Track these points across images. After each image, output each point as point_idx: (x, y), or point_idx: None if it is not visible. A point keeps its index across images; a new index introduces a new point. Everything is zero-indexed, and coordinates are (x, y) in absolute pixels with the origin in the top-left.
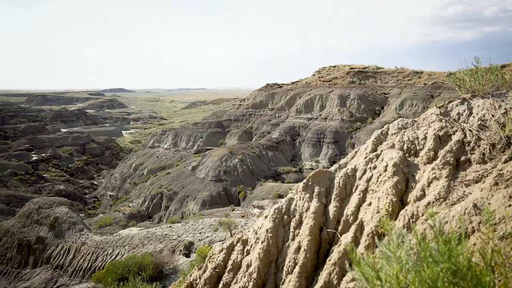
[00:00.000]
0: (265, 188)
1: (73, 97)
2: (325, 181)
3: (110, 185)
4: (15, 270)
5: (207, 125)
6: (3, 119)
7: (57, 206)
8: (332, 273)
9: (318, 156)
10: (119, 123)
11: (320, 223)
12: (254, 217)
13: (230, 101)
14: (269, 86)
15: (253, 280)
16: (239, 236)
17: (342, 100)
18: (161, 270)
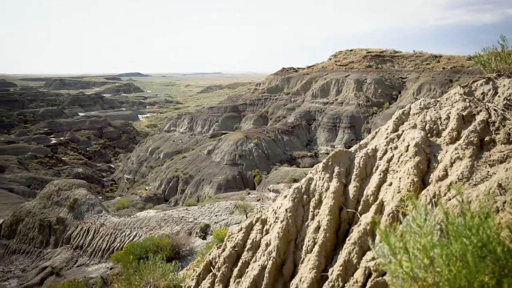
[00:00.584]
0: (280, 173)
1: (90, 82)
2: (345, 161)
3: (127, 168)
4: (37, 249)
5: (222, 109)
6: (22, 103)
7: (76, 188)
8: (352, 252)
9: (333, 141)
10: (136, 107)
11: (340, 203)
12: (270, 200)
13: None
14: (284, 70)
15: (272, 258)
16: (258, 216)
17: (359, 85)
18: (178, 252)
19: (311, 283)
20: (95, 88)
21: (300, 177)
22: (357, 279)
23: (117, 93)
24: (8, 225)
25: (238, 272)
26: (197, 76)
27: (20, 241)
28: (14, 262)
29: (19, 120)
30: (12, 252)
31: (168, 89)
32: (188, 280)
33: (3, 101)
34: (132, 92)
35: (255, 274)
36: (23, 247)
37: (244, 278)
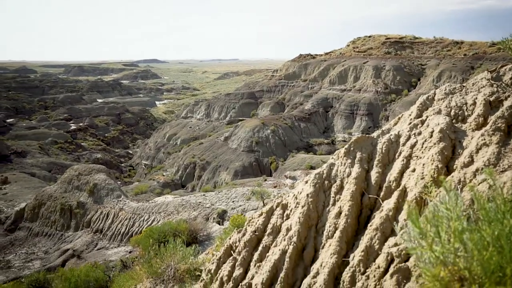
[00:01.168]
0: (297, 160)
1: (108, 68)
2: (367, 146)
3: (145, 154)
4: (59, 232)
5: (239, 96)
6: (43, 89)
7: (95, 173)
8: (374, 238)
9: (351, 128)
10: (153, 93)
11: (362, 189)
12: (286, 187)
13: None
14: (302, 57)
15: (293, 243)
16: (278, 201)
17: (377, 71)
18: (195, 237)
19: (332, 268)
20: (113, 75)
21: (316, 164)
22: (379, 264)
23: (135, 79)
24: (31, 208)
25: (259, 256)
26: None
27: (42, 224)
28: (37, 244)
29: (40, 106)
30: (35, 234)
31: (185, 75)
32: (208, 263)
33: (24, 88)
34: (150, 79)
35: (275, 259)
36: (46, 230)
37: (265, 262)
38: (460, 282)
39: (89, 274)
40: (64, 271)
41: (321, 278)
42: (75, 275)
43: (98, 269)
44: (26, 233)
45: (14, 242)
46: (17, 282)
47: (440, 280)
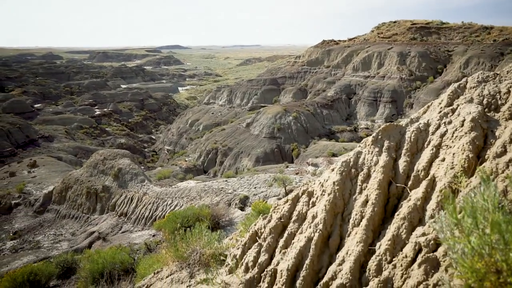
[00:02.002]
0: (318, 147)
1: (131, 54)
2: (395, 135)
3: (167, 139)
4: (85, 215)
5: (261, 82)
6: (68, 75)
7: (120, 158)
8: (401, 227)
9: (374, 115)
10: (176, 79)
11: (389, 177)
12: (308, 174)
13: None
14: (325, 43)
15: (318, 231)
16: (304, 188)
17: (402, 58)
18: (218, 222)
19: (358, 256)
20: (136, 61)
21: (338, 152)
22: (406, 254)
23: (158, 65)
24: (59, 191)
25: (284, 243)
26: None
27: (69, 207)
28: (65, 226)
29: (66, 92)
30: (62, 216)
31: (207, 61)
32: (233, 249)
33: (50, 73)
34: (172, 65)
35: (301, 246)
36: (72, 213)
37: (290, 249)
38: (496, 274)
39: (115, 256)
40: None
41: (346, 266)
42: (101, 256)
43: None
44: (54, 215)
45: (43, 223)
46: (47, 262)
47: (476, 272)
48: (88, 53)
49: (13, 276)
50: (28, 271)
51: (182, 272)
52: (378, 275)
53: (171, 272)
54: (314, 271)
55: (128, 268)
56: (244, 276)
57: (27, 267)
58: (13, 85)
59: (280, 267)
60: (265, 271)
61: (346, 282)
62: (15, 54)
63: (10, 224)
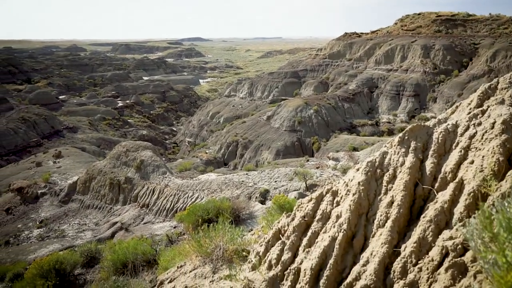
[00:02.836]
0: (339, 140)
1: (153, 46)
2: (422, 136)
3: (188, 131)
4: (108, 205)
5: (282, 75)
6: (92, 67)
7: (142, 149)
8: (427, 230)
9: (396, 109)
10: (197, 71)
11: (415, 179)
12: (329, 168)
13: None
14: (347, 36)
15: (343, 231)
16: (328, 187)
17: (426, 51)
18: (238, 215)
19: (382, 258)
20: (158, 53)
21: (359, 146)
22: (432, 257)
23: (179, 57)
24: (83, 182)
25: (308, 242)
26: (257, 40)
27: (93, 197)
28: (88, 216)
29: (89, 84)
30: (86, 206)
31: (228, 54)
32: (256, 245)
33: (75, 65)
34: (194, 57)
35: (325, 245)
36: (96, 203)
37: (314, 248)
38: None
39: (137, 247)
40: (112, 244)
41: (371, 267)
42: (123, 247)
43: (145, 242)
44: (78, 205)
45: (67, 213)
46: (71, 250)
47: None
48: (111, 45)
49: (40, 263)
50: (54, 260)
51: (205, 267)
52: (403, 278)
53: (194, 267)
54: (338, 271)
55: (150, 260)
56: (267, 273)
57: (53, 256)
58: (39, 76)
59: (303, 266)
60: (289, 269)
61: (370, 284)
62: (40, 46)
63: (36, 213)
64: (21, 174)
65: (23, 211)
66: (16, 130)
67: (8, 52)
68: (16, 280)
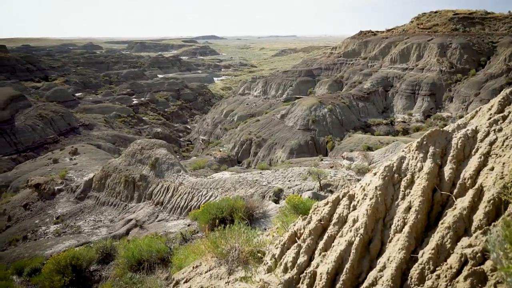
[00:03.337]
0: (353, 140)
1: (168, 44)
2: (441, 141)
3: (202, 129)
4: (123, 202)
5: (296, 74)
6: (108, 65)
7: (157, 147)
8: (446, 237)
9: (411, 108)
10: (211, 69)
11: (434, 184)
12: (343, 168)
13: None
14: (362, 34)
15: (359, 235)
16: (345, 191)
17: (442, 50)
18: (252, 214)
19: (399, 264)
20: (173, 51)
21: (374, 145)
22: (451, 265)
23: (194, 55)
24: (98, 179)
25: (324, 246)
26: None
27: (108, 194)
28: (104, 213)
29: (105, 81)
30: (102, 203)
31: (242, 52)
32: (271, 247)
33: (91, 63)
34: (208, 55)
35: (341, 249)
36: (111, 200)
37: (330, 252)
38: None
39: (152, 245)
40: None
41: (388, 272)
42: (137, 245)
43: (159, 240)
44: (94, 202)
45: (83, 209)
46: (87, 247)
47: None
48: (126, 43)
49: (57, 259)
50: (71, 256)
51: (220, 268)
52: (420, 284)
53: (210, 268)
54: (354, 275)
55: (164, 257)
56: (283, 276)
57: (69, 252)
58: (56, 74)
59: (319, 270)
60: (304, 272)
61: None
62: (58, 44)
63: (53, 209)
64: (38, 171)
65: (41, 207)
66: (34, 127)
67: (27, 50)
68: (34, 275)
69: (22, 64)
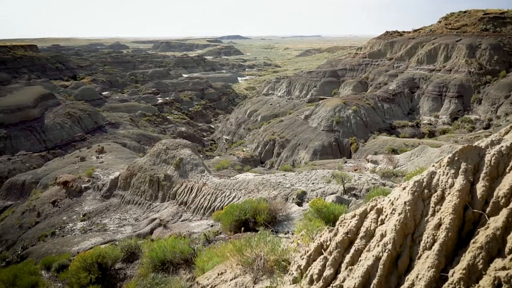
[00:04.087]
0: (378, 142)
1: (193, 44)
2: (473, 157)
3: (226, 129)
4: (148, 202)
5: (321, 74)
6: (134, 64)
7: (182, 148)
8: (477, 257)
9: (438, 110)
10: (235, 69)
11: (465, 202)
12: (367, 171)
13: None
14: (388, 34)
15: (387, 250)
16: (372, 204)
17: (471, 50)
18: (275, 216)
19: (429, 282)
20: (198, 51)
21: (399, 148)
22: (483, 287)
23: (218, 55)
24: (124, 177)
25: (350, 259)
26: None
27: (133, 193)
28: (129, 211)
29: (131, 80)
30: (127, 202)
31: (267, 52)
32: (297, 256)
33: (117, 63)
34: (232, 55)
35: (369, 264)
36: (136, 199)
37: (357, 267)
38: None
39: (175, 245)
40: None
41: None
42: (160, 245)
43: (183, 241)
44: (119, 200)
45: (109, 207)
46: (112, 245)
47: None
48: (152, 43)
49: (84, 257)
50: (97, 254)
51: (245, 276)
52: None
53: (235, 275)
54: None
55: (187, 258)
56: None
57: (95, 250)
58: (84, 73)
59: (346, 284)
60: (331, 286)
61: None
62: (86, 44)
63: (80, 206)
64: (66, 168)
65: (68, 204)
66: (62, 125)
67: (57, 50)
68: (61, 271)
69: (52, 63)
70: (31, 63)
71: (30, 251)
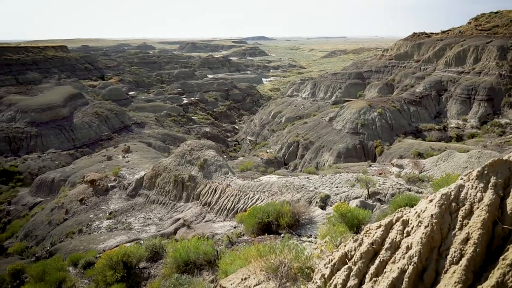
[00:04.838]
0: (403, 145)
1: (218, 45)
2: (503, 171)
3: (250, 130)
4: (172, 202)
5: (346, 76)
6: (160, 65)
7: (206, 149)
8: (507, 275)
9: (466, 114)
10: (260, 70)
11: (494, 217)
12: (392, 175)
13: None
14: (415, 36)
15: (413, 263)
16: (398, 215)
17: (502, 52)
18: (298, 219)
19: None
20: (223, 51)
21: (425, 151)
22: None
23: (243, 56)
24: (149, 177)
25: (375, 270)
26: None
27: (158, 193)
28: (153, 211)
29: (157, 81)
30: (151, 201)
31: (292, 53)
32: (321, 264)
33: (144, 63)
34: (257, 56)
35: (393, 276)
36: (160, 199)
37: (382, 278)
38: None
39: (199, 246)
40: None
41: None
42: (184, 246)
43: (206, 242)
44: (144, 199)
45: (134, 206)
46: (137, 244)
47: None
48: (178, 43)
49: (110, 255)
50: (123, 253)
51: (269, 283)
52: None
53: (258, 281)
54: None
55: (210, 260)
56: None
57: (121, 249)
58: (111, 73)
59: None
60: None
61: None
62: (114, 44)
63: (106, 205)
64: (93, 167)
65: (95, 202)
66: (90, 124)
67: (85, 50)
68: (88, 268)
69: (81, 64)
70: (61, 63)
71: (58, 247)
